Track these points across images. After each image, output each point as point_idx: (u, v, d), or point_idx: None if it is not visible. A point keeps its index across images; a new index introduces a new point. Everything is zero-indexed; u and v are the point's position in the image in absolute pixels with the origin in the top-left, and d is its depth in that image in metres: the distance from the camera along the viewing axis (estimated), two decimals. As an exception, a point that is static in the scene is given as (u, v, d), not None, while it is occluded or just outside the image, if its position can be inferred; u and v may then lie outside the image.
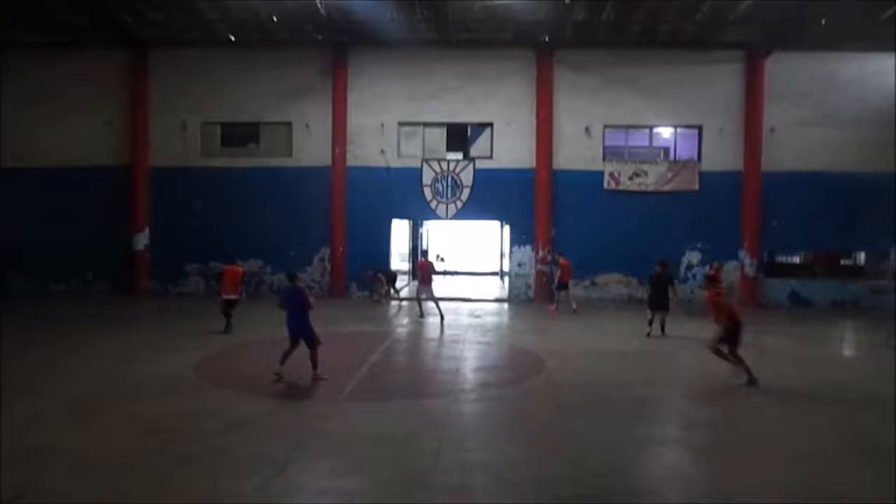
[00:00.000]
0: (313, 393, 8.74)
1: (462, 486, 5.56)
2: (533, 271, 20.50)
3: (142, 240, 20.92)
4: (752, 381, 9.32)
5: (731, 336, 9.50)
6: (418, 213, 22.52)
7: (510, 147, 20.73)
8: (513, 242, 21.21)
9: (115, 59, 20.96)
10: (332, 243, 20.78)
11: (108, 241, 20.93)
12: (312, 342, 9.22)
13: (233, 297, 13.50)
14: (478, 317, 16.97)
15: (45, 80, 20.91)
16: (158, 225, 20.92)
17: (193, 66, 20.98)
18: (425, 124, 21.10)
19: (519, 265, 20.93)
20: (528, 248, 20.69)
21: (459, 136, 21.24)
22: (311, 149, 20.92)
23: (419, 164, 20.92)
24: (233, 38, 19.90)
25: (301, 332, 9.20)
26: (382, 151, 20.87)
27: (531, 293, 20.53)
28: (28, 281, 20.96)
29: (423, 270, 16.64)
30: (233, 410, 7.81)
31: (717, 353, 9.59)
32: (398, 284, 20.95)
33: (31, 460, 6.12)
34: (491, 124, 20.89)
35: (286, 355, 9.26)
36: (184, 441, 6.72)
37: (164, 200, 20.88)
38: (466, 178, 20.83)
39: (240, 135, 21.38)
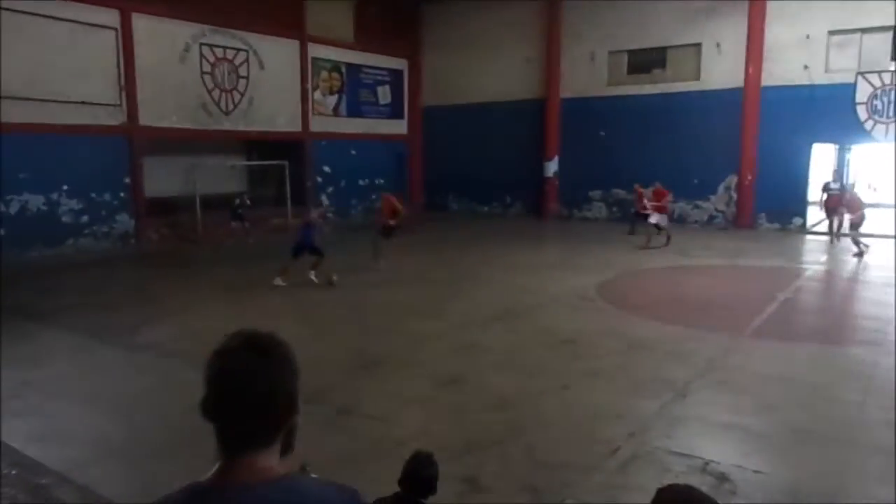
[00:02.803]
0: (716, 325, 8.50)
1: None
2: None
3: (551, 167, 22.47)
4: None
5: None
6: (847, 136, 19.42)
7: None
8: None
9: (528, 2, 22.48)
10: (740, 171, 19.38)
11: (523, 168, 23.00)
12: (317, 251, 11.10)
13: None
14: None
15: (467, 27, 23.53)
16: (566, 153, 22.19)
17: (601, -4, 21.25)
18: (863, 30, 17.82)
19: None
20: None
21: (911, 40, 17.43)
22: (720, 70, 19.52)
23: (852, 79, 17.90)
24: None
25: (306, 245, 11.05)
26: (806, 67, 18.39)
27: None
28: (461, 202, 24.52)
29: None
30: (633, 332, 8.11)
31: None
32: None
33: (465, 352, 7.35)
34: (959, 20, 16.64)
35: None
36: (589, 356, 7.25)
37: (572, 130, 21.92)
38: (918, 90, 17.12)
39: (645, 61, 21.12)
